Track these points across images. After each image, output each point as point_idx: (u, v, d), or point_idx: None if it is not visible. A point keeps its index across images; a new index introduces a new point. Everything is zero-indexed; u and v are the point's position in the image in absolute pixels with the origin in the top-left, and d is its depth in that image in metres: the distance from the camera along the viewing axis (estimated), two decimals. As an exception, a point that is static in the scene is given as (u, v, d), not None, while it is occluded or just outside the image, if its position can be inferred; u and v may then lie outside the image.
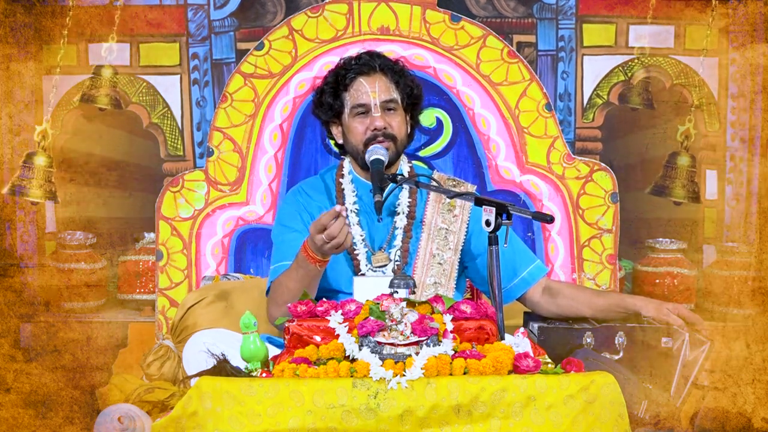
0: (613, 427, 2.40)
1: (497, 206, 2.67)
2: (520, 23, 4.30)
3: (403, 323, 2.42)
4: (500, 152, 3.85)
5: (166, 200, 3.78)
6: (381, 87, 3.09)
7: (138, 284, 4.11)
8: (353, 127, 3.10)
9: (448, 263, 3.12)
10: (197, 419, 2.37)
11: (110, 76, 4.18)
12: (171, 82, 4.27)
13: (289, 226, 3.13)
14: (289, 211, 3.16)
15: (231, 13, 4.26)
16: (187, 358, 3.14)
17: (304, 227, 3.08)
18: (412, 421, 2.36)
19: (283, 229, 3.14)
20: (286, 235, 3.10)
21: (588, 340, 2.84)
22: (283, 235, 3.12)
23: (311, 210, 3.15)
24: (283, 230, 3.13)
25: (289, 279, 2.92)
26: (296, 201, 3.18)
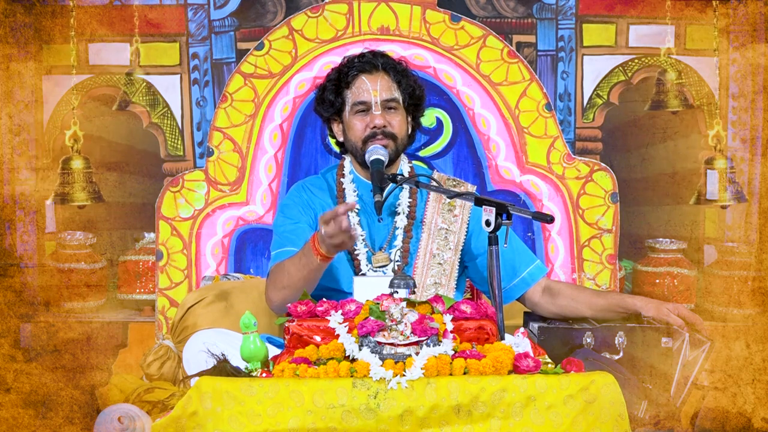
0: (613, 427, 2.40)
1: (497, 206, 2.67)
2: (520, 23, 4.29)
3: (403, 323, 2.42)
4: (500, 152, 3.85)
5: (166, 200, 3.78)
6: (383, 86, 3.09)
7: (138, 284, 4.11)
8: (353, 124, 3.10)
9: (448, 263, 3.12)
10: (197, 419, 2.37)
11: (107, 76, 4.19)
12: (171, 82, 4.26)
13: (291, 217, 3.12)
14: (292, 204, 3.16)
15: (231, 13, 4.26)
16: (187, 358, 3.14)
17: (306, 219, 3.08)
18: (412, 421, 2.36)
19: (285, 219, 3.13)
20: (288, 225, 3.09)
21: (588, 340, 2.84)
22: (284, 224, 3.11)
23: (315, 206, 3.15)
24: (285, 220, 3.12)
25: (291, 264, 2.91)
26: (300, 196, 3.18)
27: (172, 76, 4.27)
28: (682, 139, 4.34)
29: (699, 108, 4.27)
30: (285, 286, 2.90)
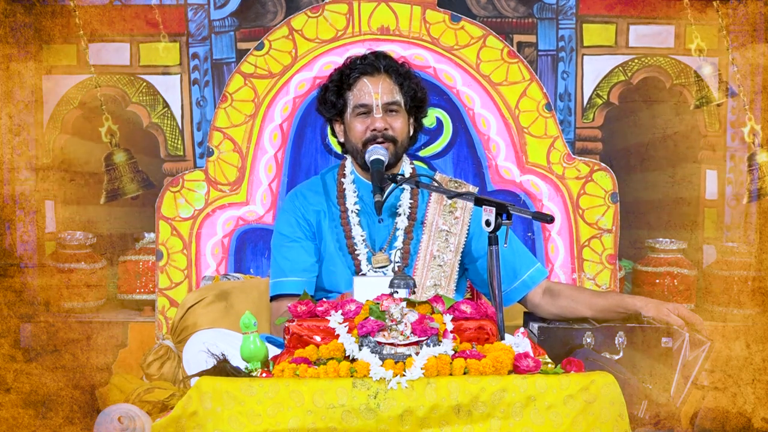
0: (613, 427, 2.40)
1: (497, 206, 2.67)
2: (521, 23, 4.29)
3: (403, 323, 2.42)
4: (500, 152, 3.85)
5: (166, 200, 3.78)
6: (384, 88, 3.09)
7: (138, 284, 4.11)
8: (354, 126, 3.10)
9: (448, 265, 3.12)
10: (197, 419, 2.38)
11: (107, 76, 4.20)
12: (171, 82, 4.26)
13: (287, 235, 3.15)
14: (287, 220, 3.18)
15: (231, 13, 4.26)
16: (187, 358, 3.14)
17: (303, 235, 3.10)
18: (412, 421, 2.36)
19: (282, 238, 3.16)
20: (285, 248, 3.13)
21: (588, 340, 2.84)
22: (282, 248, 3.14)
23: (308, 215, 3.16)
24: (283, 240, 3.15)
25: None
26: (294, 207, 3.19)
27: (172, 76, 4.27)
28: (682, 139, 4.34)
29: (699, 108, 4.27)
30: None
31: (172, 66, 4.26)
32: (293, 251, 3.10)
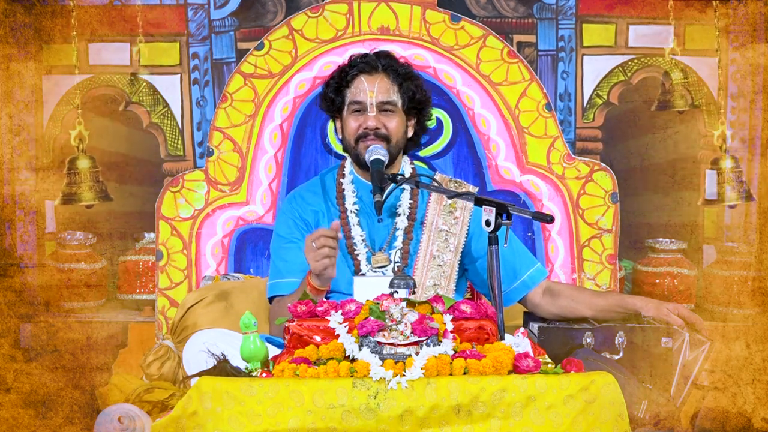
0: (613, 427, 2.40)
1: (497, 206, 2.67)
2: (520, 23, 4.30)
3: (403, 323, 2.42)
4: (500, 152, 3.85)
5: (166, 200, 3.78)
6: (380, 87, 3.09)
7: (138, 284, 4.11)
8: (348, 122, 3.11)
9: (448, 265, 3.12)
10: (197, 419, 2.37)
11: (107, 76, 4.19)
12: (171, 81, 4.27)
13: (285, 236, 3.15)
14: (285, 221, 3.18)
15: (231, 13, 4.26)
16: (187, 358, 3.13)
17: (301, 236, 3.10)
18: (412, 421, 2.36)
19: (280, 240, 3.16)
20: (283, 249, 3.13)
21: (588, 340, 2.84)
22: (280, 249, 3.15)
23: (306, 216, 3.16)
24: (281, 242, 3.15)
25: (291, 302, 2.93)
26: (292, 209, 3.19)
27: (172, 76, 4.27)
28: (682, 138, 4.34)
29: (699, 108, 4.27)
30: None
31: (172, 66, 4.26)
32: (290, 252, 3.10)
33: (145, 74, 4.23)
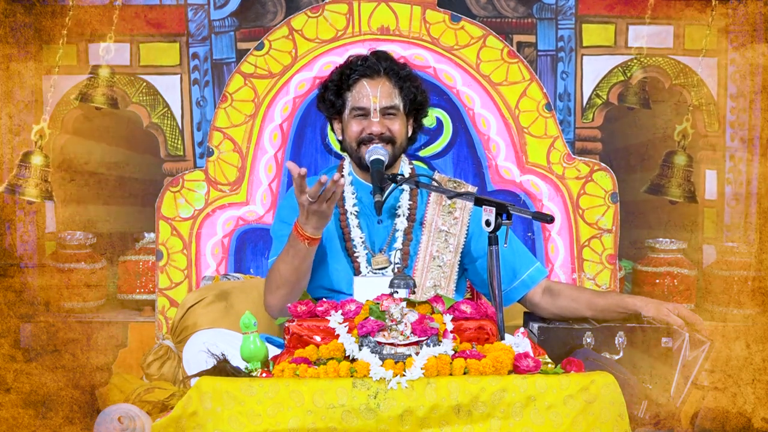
0: (613, 427, 2.40)
1: (497, 206, 2.67)
2: (520, 23, 4.29)
3: (403, 323, 2.42)
4: (500, 152, 3.85)
5: (166, 200, 3.79)
6: (383, 92, 3.08)
7: (138, 284, 4.11)
8: (350, 126, 3.10)
9: (448, 265, 3.11)
10: (197, 419, 2.38)
11: (108, 75, 4.18)
12: (171, 82, 4.26)
13: (288, 222, 3.12)
14: (289, 207, 3.16)
15: (231, 13, 4.26)
16: (187, 358, 3.14)
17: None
18: (412, 421, 2.36)
19: (281, 225, 3.13)
20: (284, 229, 3.10)
21: (588, 340, 2.84)
22: (281, 231, 3.11)
23: None
24: (282, 226, 3.12)
25: (280, 261, 2.92)
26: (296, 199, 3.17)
27: (172, 76, 4.27)
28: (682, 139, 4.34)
29: (699, 108, 4.27)
30: (279, 285, 2.91)
31: (172, 66, 4.26)
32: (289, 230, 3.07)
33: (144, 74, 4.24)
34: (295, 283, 2.89)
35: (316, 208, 2.78)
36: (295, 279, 2.88)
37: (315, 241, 2.85)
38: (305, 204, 2.78)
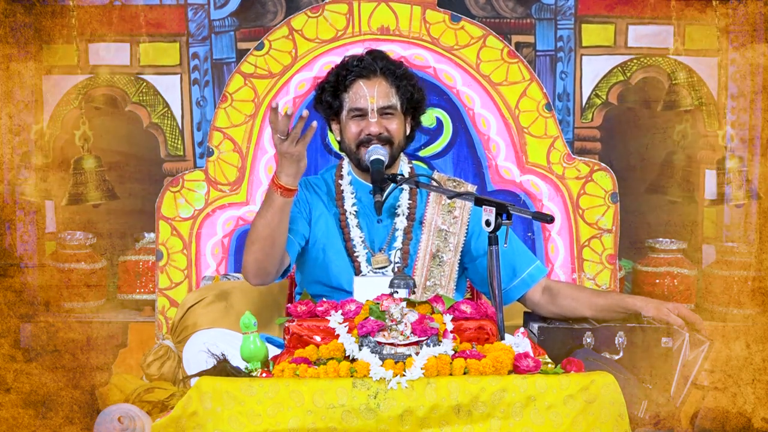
0: (613, 427, 2.40)
1: (497, 206, 2.67)
2: (519, 23, 4.30)
3: (403, 323, 2.42)
4: (500, 152, 3.86)
5: (166, 200, 3.79)
6: (380, 92, 3.08)
7: (138, 284, 4.11)
8: (349, 127, 3.10)
9: (448, 264, 3.11)
10: (197, 419, 2.38)
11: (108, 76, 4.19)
12: (171, 82, 4.27)
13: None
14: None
15: (231, 13, 4.26)
16: (187, 358, 3.14)
17: (301, 208, 3.08)
18: (412, 421, 2.36)
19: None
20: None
21: (588, 340, 2.84)
22: None
23: (312, 203, 3.15)
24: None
25: (257, 217, 2.89)
26: (300, 191, 3.17)
27: (172, 76, 4.27)
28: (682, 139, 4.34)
29: (699, 108, 4.27)
30: (253, 240, 2.87)
31: (172, 66, 4.26)
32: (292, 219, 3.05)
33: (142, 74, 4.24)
34: (267, 239, 2.84)
35: (286, 149, 2.76)
36: (268, 234, 2.83)
37: (289, 192, 2.81)
38: (277, 144, 2.76)
